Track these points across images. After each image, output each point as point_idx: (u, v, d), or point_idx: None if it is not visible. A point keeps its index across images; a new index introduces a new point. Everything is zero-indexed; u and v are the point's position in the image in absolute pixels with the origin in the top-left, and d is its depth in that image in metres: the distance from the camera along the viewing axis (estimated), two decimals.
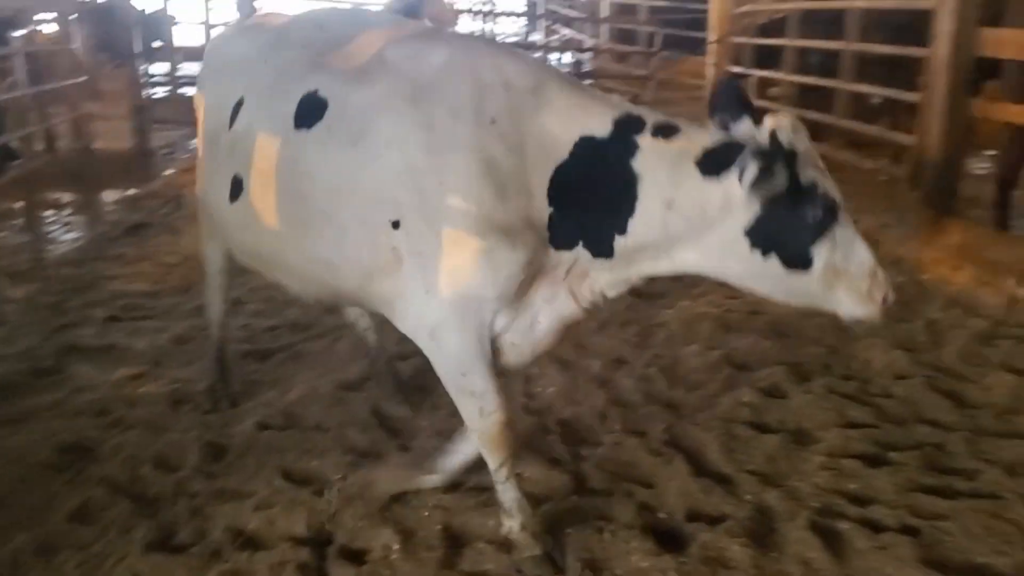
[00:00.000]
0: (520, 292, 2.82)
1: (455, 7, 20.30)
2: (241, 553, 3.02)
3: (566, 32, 18.68)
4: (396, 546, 3.04)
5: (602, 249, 2.79)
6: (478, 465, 3.56)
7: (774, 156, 2.50)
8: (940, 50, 6.34)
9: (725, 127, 2.66)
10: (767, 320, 5.05)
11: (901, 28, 8.01)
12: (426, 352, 2.93)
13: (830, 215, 2.61)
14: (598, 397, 4.21)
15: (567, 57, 19.62)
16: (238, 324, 5.11)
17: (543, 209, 2.76)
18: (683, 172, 2.65)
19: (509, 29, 25.88)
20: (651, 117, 2.76)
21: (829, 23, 8.82)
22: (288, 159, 3.04)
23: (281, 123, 3.07)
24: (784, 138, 2.53)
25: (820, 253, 2.61)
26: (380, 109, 2.87)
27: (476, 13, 23.20)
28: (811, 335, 4.85)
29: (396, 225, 2.81)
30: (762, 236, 2.61)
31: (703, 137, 2.68)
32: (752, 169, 2.49)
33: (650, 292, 5.44)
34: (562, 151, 2.74)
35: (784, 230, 2.60)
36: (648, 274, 2.89)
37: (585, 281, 2.89)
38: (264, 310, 5.43)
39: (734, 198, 2.59)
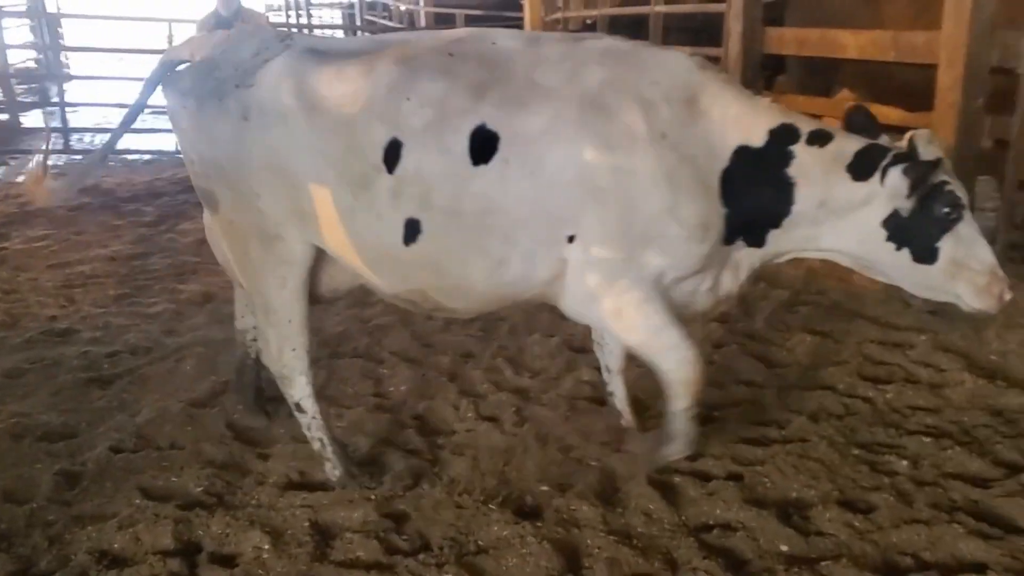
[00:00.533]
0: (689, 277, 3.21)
1: (270, 20, 19.91)
2: (108, 572, 3.02)
3: None
4: (267, 546, 3.13)
5: (756, 241, 3.20)
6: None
7: (912, 162, 2.91)
8: (732, 49, 6.95)
9: None
10: None
11: (698, 30, 8.70)
12: (613, 332, 3.28)
13: (956, 213, 2.99)
14: (450, 390, 4.41)
15: None
16: (75, 352, 4.97)
17: (719, 209, 3.09)
18: (836, 176, 3.04)
19: None
20: (806, 126, 3.09)
21: (634, 26, 9.41)
22: (470, 196, 3.06)
23: (456, 160, 3.04)
24: (921, 146, 2.91)
25: (945, 248, 3.00)
26: (554, 136, 3.01)
27: (293, 27, 22.90)
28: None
29: (571, 239, 3.07)
30: (897, 229, 3.01)
31: (853, 142, 3.06)
32: (895, 173, 2.93)
33: None
34: (724, 159, 3.06)
35: (915, 225, 2.99)
36: (790, 257, 3.34)
37: (737, 266, 3.28)
38: (101, 337, 5.28)
39: (877, 195, 2.98)
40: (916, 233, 3.00)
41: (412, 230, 3.12)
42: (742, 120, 3.09)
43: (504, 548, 3.10)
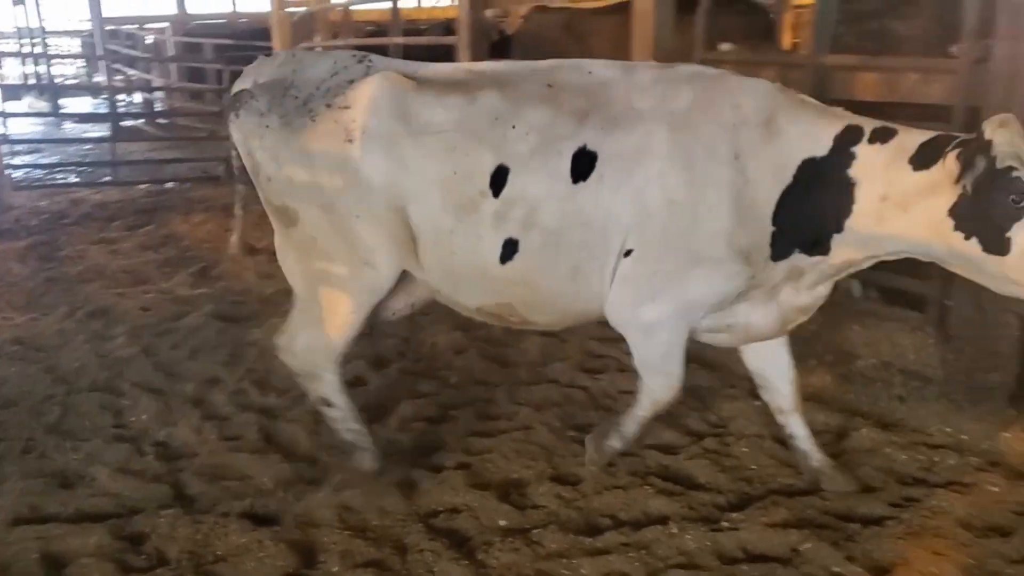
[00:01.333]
0: (732, 300, 3.32)
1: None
2: None
3: (131, 72, 17.98)
4: None
5: (819, 249, 3.21)
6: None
7: (975, 146, 2.82)
8: None
9: None
10: None
11: (439, 58, 9.17)
12: (632, 340, 3.44)
13: None
14: (193, 415, 4.43)
15: (137, 97, 18.91)
16: None
17: (768, 229, 3.17)
18: (897, 169, 3.02)
19: (67, 71, 24.18)
20: (869, 125, 3.12)
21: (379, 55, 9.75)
22: (568, 213, 3.23)
23: (559, 181, 3.22)
24: (988, 131, 2.80)
25: (1017, 239, 2.83)
26: (643, 152, 3.13)
27: (26, 56, 21.37)
28: (387, 331, 5.48)
29: (627, 253, 3.19)
30: (963, 217, 2.89)
31: (920, 135, 3.03)
32: (950, 157, 2.88)
33: (237, 315, 5.78)
34: (787, 176, 3.13)
35: (983, 213, 2.85)
36: (871, 263, 3.28)
37: (800, 277, 3.31)
38: None
39: (941, 183, 2.91)
40: (983, 221, 2.88)
41: (509, 250, 3.32)
42: (810, 131, 3.16)
43: (242, 554, 3.24)
